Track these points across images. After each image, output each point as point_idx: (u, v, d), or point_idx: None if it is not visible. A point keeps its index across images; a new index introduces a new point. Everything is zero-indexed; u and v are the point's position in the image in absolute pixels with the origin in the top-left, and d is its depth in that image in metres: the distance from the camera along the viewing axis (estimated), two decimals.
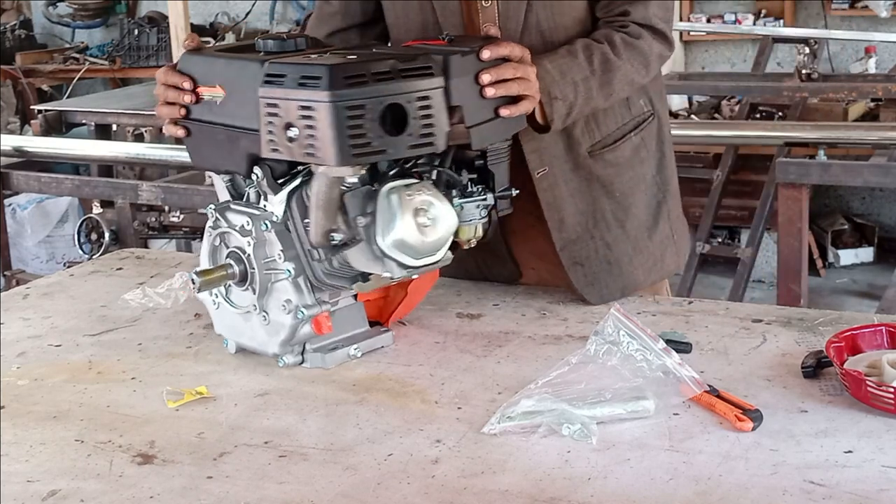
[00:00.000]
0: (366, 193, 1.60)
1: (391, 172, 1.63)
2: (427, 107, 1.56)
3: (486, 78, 1.62)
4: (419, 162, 1.68)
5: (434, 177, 1.69)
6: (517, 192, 1.76)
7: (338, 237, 1.62)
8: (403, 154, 1.58)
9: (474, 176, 1.72)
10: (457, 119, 1.61)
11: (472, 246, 1.73)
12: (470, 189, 1.70)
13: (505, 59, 1.66)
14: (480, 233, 1.73)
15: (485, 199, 1.71)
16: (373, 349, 1.74)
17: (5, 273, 4.62)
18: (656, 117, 1.96)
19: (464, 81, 1.61)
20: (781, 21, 6.14)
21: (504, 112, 1.65)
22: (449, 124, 1.59)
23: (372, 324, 1.79)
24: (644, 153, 1.94)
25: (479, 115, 1.64)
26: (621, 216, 1.91)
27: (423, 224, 1.59)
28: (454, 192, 1.69)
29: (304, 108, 1.52)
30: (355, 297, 1.75)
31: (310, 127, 1.51)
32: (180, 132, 1.74)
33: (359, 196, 1.60)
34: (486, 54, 1.63)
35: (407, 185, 1.61)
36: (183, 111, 1.72)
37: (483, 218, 1.72)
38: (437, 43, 1.68)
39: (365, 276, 1.68)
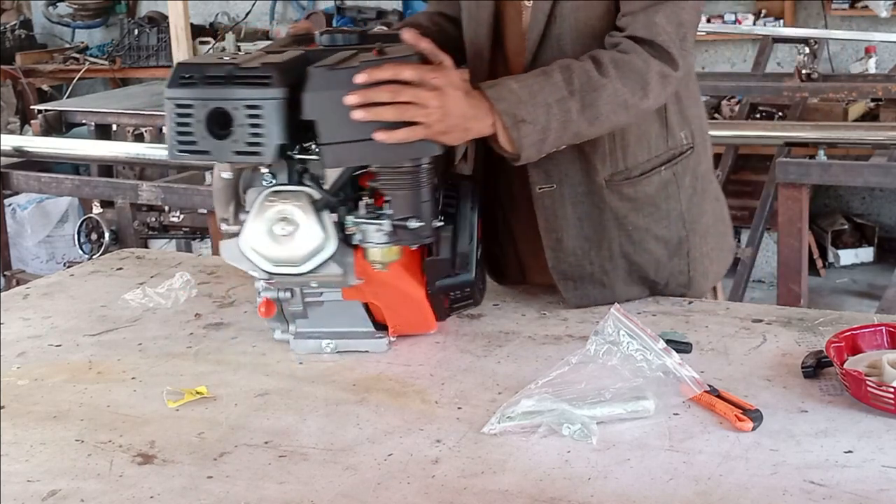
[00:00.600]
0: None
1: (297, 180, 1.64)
2: (256, 116, 1.54)
3: (350, 99, 1.54)
4: (313, 174, 1.64)
5: (316, 191, 1.62)
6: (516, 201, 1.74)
7: (224, 227, 1.67)
8: (228, 159, 1.59)
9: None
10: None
11: (382, 270, 1.65)
12: (380, 212, 1.63)
13: (400, 81, 1.56)
14: (393, 257, 1.65)
15: (380, 225, 1.62)
16: (354, 350, 1.73)
17: (5, 273, 4.61)
18: (695, 152, 1.86)
19: (324, 96, 1.56)
20: (781, 21, 6.13)
21: (378, 136, 1.55)
22: (285, 137, 1.55)
23: (380, 327, 1.76)
24: (673, 188, 1.84)
25: (341, 134, 1.57)
26: (629, 250, 1.84)
27: (279, 233, 1.60)
28: (362, 212, 1.63)
29: None
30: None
31: None
32: None
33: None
34: (360, 78, 1.55)
35: (276, 192, 1.62)
36: None
37: (387, 243, 1.63)
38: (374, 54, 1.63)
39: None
